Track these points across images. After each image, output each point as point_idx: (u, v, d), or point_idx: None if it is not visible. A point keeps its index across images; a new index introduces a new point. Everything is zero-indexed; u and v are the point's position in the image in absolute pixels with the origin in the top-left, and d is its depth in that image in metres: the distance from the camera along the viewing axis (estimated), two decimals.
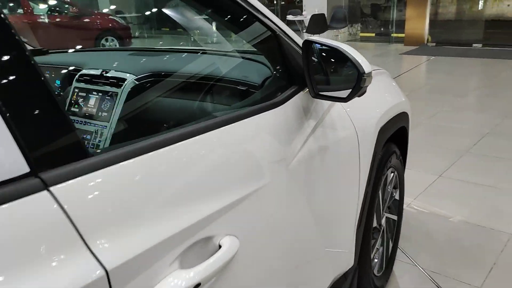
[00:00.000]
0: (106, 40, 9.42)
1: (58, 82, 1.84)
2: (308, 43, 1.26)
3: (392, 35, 10.08)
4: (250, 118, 1.09)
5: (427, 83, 6.64)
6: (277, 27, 1.26)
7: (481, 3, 11.36)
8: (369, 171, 1.64)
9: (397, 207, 2.23)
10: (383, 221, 2.03)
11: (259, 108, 1.15)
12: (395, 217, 2.21)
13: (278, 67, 1.35)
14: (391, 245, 2.18)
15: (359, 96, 1.24)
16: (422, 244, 2.48)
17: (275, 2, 12.96)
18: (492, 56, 7.93)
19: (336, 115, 1.44)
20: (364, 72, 1.18)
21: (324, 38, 1.29)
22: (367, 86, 1.22)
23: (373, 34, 11.10)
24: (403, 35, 9.64)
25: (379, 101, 1.79)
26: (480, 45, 9.02)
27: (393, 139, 2.03)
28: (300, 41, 1.30)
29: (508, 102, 5.06)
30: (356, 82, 1.19)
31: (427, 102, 5.38)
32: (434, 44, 9.42)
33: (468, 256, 2.33)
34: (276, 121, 1.18)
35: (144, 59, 1.84)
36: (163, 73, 1.60)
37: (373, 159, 1.66)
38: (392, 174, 2.08)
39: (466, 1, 11.51)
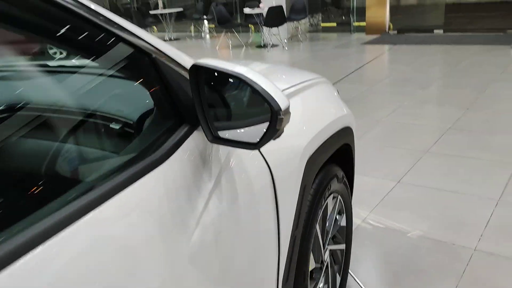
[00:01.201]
0: None
1: None
2: (196, 69, 0.93)
3: (353, 24, 9.86)
4: (122, 192, 0.78)
5: (388, 74, 6.43)
6: (152, 48, 0.93)
7: None
8: (295, 212, 1.34)
9: (345, 234, 1.95)
10: (326, 256, 1.75)
11: (134, 173, 0.83)
12: (342, 247, 1.93)
13: (159, 100, 1.02)
14: (338, 279, 1.91)
15: (275, 138, 0.93)
16: (376, 267, 2.22)
17: None
18: (453, 42, 7.80)
19: (243, 153, 1.13)
20: (280, 109, 0.88)
21: (220, 61, 0.94)
22: (284, 126, 0.91)
23: (335, 24, 10.86)
24: (364, 23, 9.43)
25: (307, 123, 1.48)
26: (441, 31, 8.89)
27: (335, 160, 1.74)
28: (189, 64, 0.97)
29: (469, 92, 4.88)
30: (270, 123, 0.89)
31: (387, 96, 5.16)
32: (395, 32, 9.25)
33: (427, 280, 2.07)
34: (161, 189, 0.87)
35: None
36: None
37: (300, 195, 1.36)
38: (335, 200, 1.79)
39: None
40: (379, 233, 2.48)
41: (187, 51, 1.06)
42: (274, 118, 0.88)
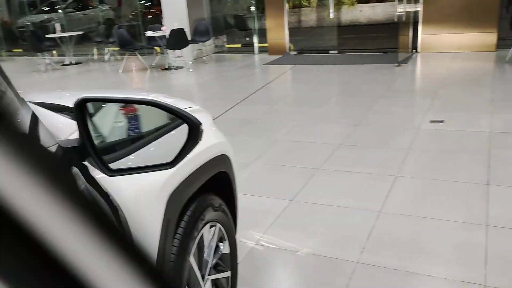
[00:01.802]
0: None
1: None
2: (83, 104, 0.89)
3: (256, 45, 10.16)
4: None
5: (287, 94, 6.69)
6: None
7: (338, 10, 12.12)
8: (158, 249, 1.31)
9: (230, 260, 1.95)
10: (207, 287, 1.73)
11: None
12: (227, 274, 1.92)
13: None
14: None
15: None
16: None
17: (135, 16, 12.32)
18: (346, 62, 8.36)
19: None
20: (201, 123, 0.96)
21: (103, 91, 0.96)
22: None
23: (240, 45, 11.11)
24: (267, 45, 9.77)
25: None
26: (336, 52, 9.50)
27: (212, 188, 1.74)
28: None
29: (358, 109, 5.23)
30: (189, 139, 0.95)
31: (285, 115, 5.35)
32: (296, 52, 9.69)
33: None
34: None
35: None
36: None
37: (164, 231, 1.33)
38: (213, 228, 1.78)
39: (324, 9, 12.16)
40: (271, 254, 2.52)
41: (89, 75, 1.01)
42: (194, 132, 0.95)
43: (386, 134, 4.36)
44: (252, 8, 10.27)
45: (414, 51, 8.33)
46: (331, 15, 10.25)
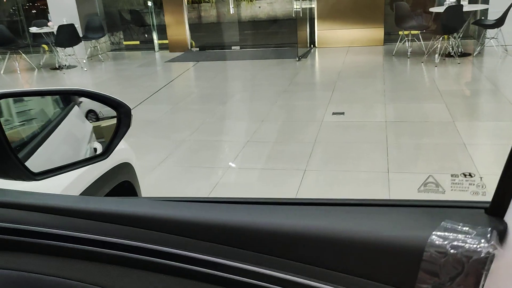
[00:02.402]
0: None
1: None
2: None
3: (156, 42, 9.80)
4: None
5: (191, 92, 6.53)
6: None
7: (237, 6, 12.16)
8: None
9: None
10: None
11: None
12: None
13: None
14: None
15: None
16: None
17: (16, 11, 11.15)
18: (248, 57, 8.41)
19: None
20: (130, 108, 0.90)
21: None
22: None
23: (138, 42, 10.64)
24: (167, 41, 9.46)
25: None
26: (238, 47, 9.52)
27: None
28: None
29: (263, 104, 5.26)
30: (120, 125, 0.89)
31: (190, 114, 5.20)
32: (198, 49, 9.53)
33: None
34: None
35: None
36: None
37: None
38: None
39: (224, 5, 12.12)
40: None
41: None
42: (126, 117, 0.89)
43: (292, 128, 4.43)
44: (149, 3, 9.87)
45: (312, 45, 8.65)
46: (231, 11, 10.25)
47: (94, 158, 0.91)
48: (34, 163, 0.82)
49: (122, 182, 1.64)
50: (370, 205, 0.63)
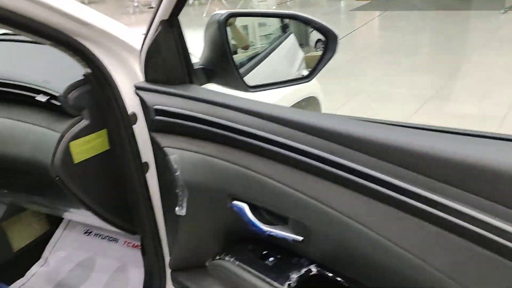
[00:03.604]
0: None
1: None
2: (228, 19, 0.87)
3: None
4: None
5: (375, 42, 6.29)
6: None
7: None
8: None
9: None
10: None
11: None
12: None
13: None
14: None
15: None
16: None
17: None
18: (444, 7, 7.62)
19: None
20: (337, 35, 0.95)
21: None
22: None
23: None
24: None
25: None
26: None
27: None
28: None
29: (454, 60, 4.78)
30: (326, 51, 0.96)
31: (371, 64, 5.05)
32: None
33: None
34: None
35: None
36: None
37: None
38: None
39: None
40: None
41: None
42: (332, 44, 0.95)
43: (486, 88, 3.96)
44: None
45: None
46: None
47: (299, 79, 0.98)
48: (250, 78, 0.94)
49: None
50: None
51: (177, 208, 0.83)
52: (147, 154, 0.98)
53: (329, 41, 0.94)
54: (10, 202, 1.34)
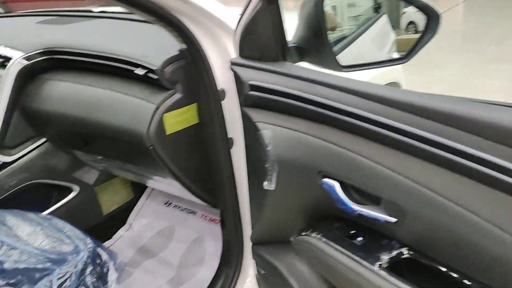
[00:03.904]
0: None
1: None
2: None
3: None
4: None
5: (460, 29, 5.92)
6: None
7: None
8: None
9: None
10: None
11: None
12: None
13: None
14: None
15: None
16: None
17: None
18: None
19: None
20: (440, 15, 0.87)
21: None
22: None
23: None
24: None
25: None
26: None
27: None
28: None
29: None
30: (426, 31, 0.87)
31: (454, 52, 4.76)
32: None
33: None
34: None
35: (46, 29, 1.48)
36: (57, 49, 1.25)
37: None
38: None
39: None
40: None
41: None
42: (433, 24, 0.87)
43: None
44: None
45: None
46: None
47: (394, 60, 0.94)
48: (343, 57, 0.92)
49: None
50: None
51: (265, 183, 0.84)
52: (233, 130, 1.01)
53: (431, 21, 0.88)
54: (103, 169, 1.44)
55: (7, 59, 1.23)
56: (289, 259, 0.92)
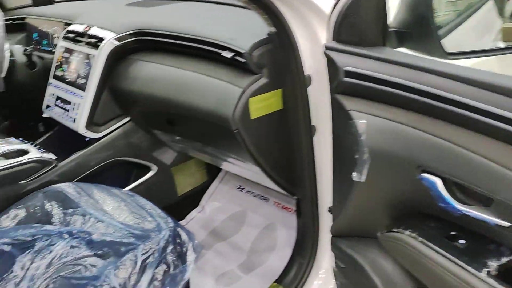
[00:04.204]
0: None
1: (45, 41, 1.62)
2: None
3: None
4: None
5: None
6: None
7: None
8: None
9: None
10: None
11: None
12: None
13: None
14: None
15: None
16: None
17: None
18: None
19: None
20: None
21: None
22: None
23: None
24: None
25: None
26: None
27: None
28: None
29: None
30: None
31: None
32: None
33: None
34: None
35: (136, 11, 1.52)
36: (147, 31, 1.28)
37: None
38: None
39: None
40: None
41: None
42: None
43: None
44: None
45: None
46: None
47: (505, 49, 0.86)
48: (447, 43, 0.85)
49: None
50: None
51: (354, 174, 0.80)
52: (316, 117, 0.97)
53: None
54: (180, 150, 1.47)
55: (100, 39, 1.29)
56: (372, 255, 0.88)
